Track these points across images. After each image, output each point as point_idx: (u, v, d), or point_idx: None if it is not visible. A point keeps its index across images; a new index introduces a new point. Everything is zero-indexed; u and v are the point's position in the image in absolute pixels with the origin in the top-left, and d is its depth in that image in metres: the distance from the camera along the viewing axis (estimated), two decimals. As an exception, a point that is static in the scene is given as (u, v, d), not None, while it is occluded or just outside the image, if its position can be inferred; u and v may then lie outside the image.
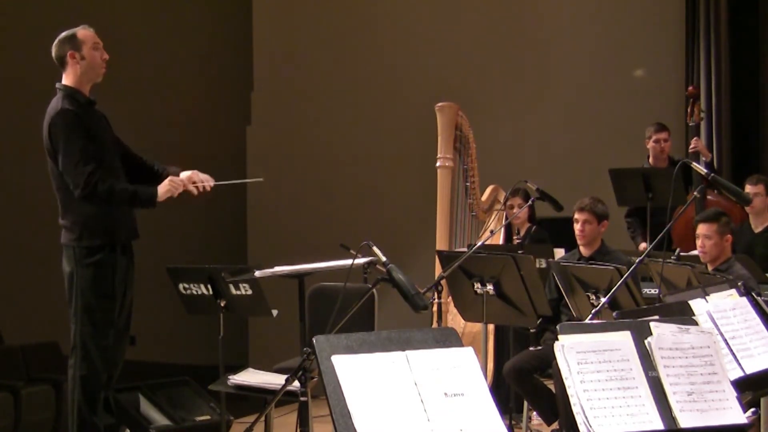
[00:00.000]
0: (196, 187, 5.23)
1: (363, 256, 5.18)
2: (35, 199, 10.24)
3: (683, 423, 2.97)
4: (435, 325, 6.60)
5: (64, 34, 5.16)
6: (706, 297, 3.70)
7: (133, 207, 5.19)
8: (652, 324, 3.12)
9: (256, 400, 5.43)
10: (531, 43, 9.56)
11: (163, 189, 5.14)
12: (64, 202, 5.10)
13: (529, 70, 9.53)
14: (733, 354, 3.53)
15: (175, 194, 5.18)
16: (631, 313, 3.69)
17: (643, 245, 7.22)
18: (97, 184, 4.96)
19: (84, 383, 5.02)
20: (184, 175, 5.22)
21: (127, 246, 5.21)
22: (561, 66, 9.43)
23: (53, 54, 5.15)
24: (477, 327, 6.45)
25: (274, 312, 5.79)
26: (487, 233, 6.94)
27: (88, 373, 5.03)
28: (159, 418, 6.40)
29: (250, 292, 5.58)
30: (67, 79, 5.13)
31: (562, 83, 9.40)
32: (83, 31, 5.16)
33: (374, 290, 4.60)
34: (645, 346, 3.06)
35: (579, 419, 2.91)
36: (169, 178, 5.19)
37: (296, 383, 3.27)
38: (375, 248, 3.64)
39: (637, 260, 4.78)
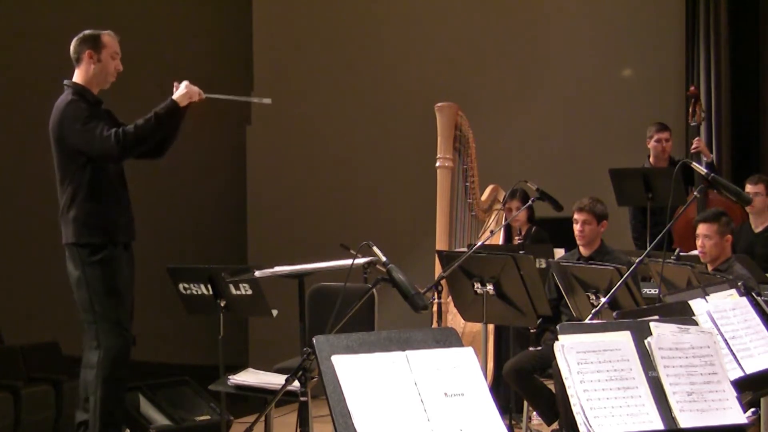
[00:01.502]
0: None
1: (363, 256, 5.17)
2: (35, 198, 10.24)
3: (683, 423, 2.97)
4: (435, 325, 6.60)
5: (88, 32, 5.14)
6: (706, 297, 3.70)
7: (163, 127, 5.06)
8: (652, 324, 3.12)
9: (256, 400, 5.43)
10: (531, 43, 9.56)
11: (181, 94, 5.08)
12: (70, 195, 5.07)
13: (530, 70, 9.53)
14: (733, 354, 3.53)
15: (195, 98, 5.10)
16: (631, 313, 3.69)
17: None
18: (125, 135, 4.93)
19: (108, 382, 5.01)
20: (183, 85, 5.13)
21: (127, 245, 5.22)
22: (561, 66, 9.43)
23: (71, 48, 5.13)
24: (477, 327, 6.45)
25: (274, 312, 5.79)
26: (487, 233, 6.94)
27: (110, 372, 5.02)
28: (159, 418, 6.40)
29: (250, 292, 5.58)
30: (77, 77, 5.13)
31: (562, 83, 9.40)
32: (108, 37, 5.16)
33: (374, 290, 4.60)
34: (645, 346, 3.06)
35: (579, 419, 2.90)
36: (184, 82, 5.11)
37: (296, 383, 3.27)
38: (375, 248, 3.64)
39: (637, 260, 4.78)
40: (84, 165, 5.04)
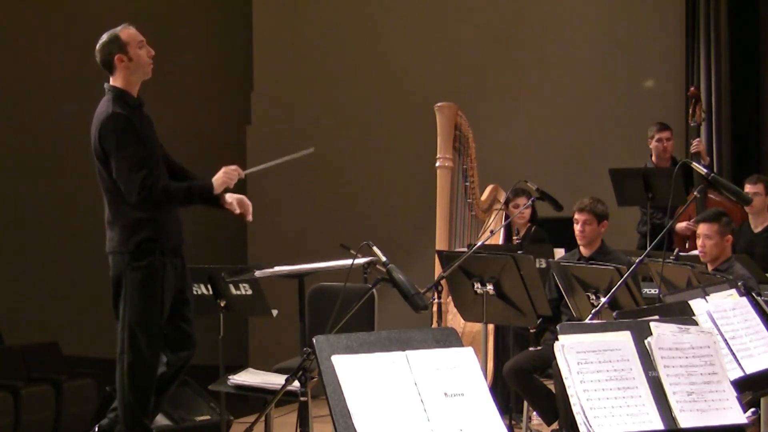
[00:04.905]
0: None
1: (363, 256, 5.18)
2: (34, 199, 10.24)
3: (683, 423, 2.97)
4: (435, 325, 6.61)
5: (106, 36, 4.97)
6: (706, 297, 3.70)
7: (190, 204, 5.03)
8: (652, 324, 3.12)
9: (256, 400, 5.43)
10: (531, 43, 9.56)
11: (219, 180, 5.01)
12: (112, 205, 4.94)
13: (529, 70, 9.53)
14: (733, 354, 3.53)
15: (231, 184, 5.05)
16: (631, 313, 3.69)
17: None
18: (152, 189, 4.81)
19: (131, 392, 4.91)
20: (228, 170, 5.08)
21: (177, 251, 5.05)
22: (561, 66, 9.43)
23: (98, 58, 4.96)
24: (477, 327, 6.45)
25: (274, 312, 5.79)
26: (487, 233, 6.93)
27: (132, 383, 4.91)
28: (159, 418, 6.38)
29: (250, 292, 5.58)
30: (116, 81, 4.95)
31: (563, 83, 9.40)
32: (126, 31, 4.99)
33: (374, 290, 4.61)
34: (645, 346, 3.06)
35: (579, 419, 2.91)
36: (222, 169, 5.04)
37: (296, 383, 3.27)
38: (375, 248, 3.65)
39: (637, 260, 4.78)
40: None
